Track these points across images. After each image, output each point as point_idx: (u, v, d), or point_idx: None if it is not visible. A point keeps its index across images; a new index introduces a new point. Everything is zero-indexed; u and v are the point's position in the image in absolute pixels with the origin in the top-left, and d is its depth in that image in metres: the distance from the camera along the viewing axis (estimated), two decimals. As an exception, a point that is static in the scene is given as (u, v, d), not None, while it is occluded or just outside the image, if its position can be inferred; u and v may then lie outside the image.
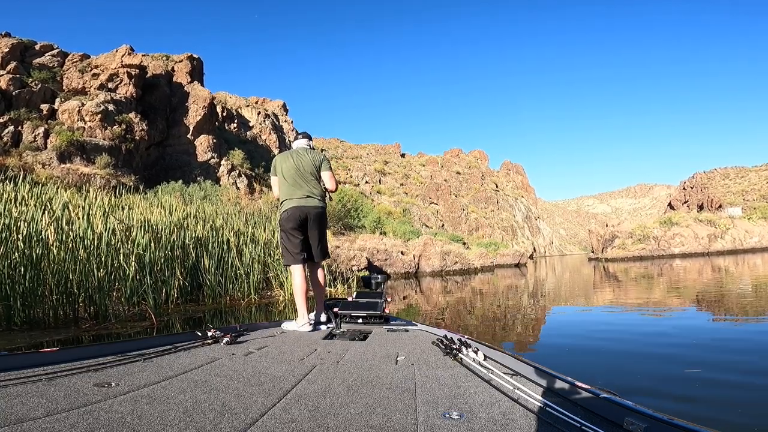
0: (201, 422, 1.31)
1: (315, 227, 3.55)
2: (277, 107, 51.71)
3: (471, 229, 61.81)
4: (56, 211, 6.06)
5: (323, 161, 3.67)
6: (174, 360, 2.19)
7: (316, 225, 3.55)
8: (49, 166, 19.33)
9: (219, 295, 7.49)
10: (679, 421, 1.17)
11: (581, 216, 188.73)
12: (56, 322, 5.13)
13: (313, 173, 3.59)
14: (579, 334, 4.52)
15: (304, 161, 3.60)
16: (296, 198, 3.52)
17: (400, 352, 2.50)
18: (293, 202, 3.51)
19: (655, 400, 2.35)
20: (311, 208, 3.52)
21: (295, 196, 3.53)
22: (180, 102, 28.21)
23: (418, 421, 1.36)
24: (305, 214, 3.50)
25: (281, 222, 3.57)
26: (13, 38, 24.42)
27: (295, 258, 3.50)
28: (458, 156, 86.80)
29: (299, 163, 3.59)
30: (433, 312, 6.77)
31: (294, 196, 3.53)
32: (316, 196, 3.56)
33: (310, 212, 3.51)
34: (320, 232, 3.60)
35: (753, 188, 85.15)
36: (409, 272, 16.84)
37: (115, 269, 5.80)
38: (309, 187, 3.54)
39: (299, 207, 3.49)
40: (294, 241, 3.51)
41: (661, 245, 28.98)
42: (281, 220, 3.57)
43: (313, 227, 3.55)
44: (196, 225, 8.42)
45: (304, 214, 3.50)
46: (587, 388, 1.52)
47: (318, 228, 3.57)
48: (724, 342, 3.78)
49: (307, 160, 3.61)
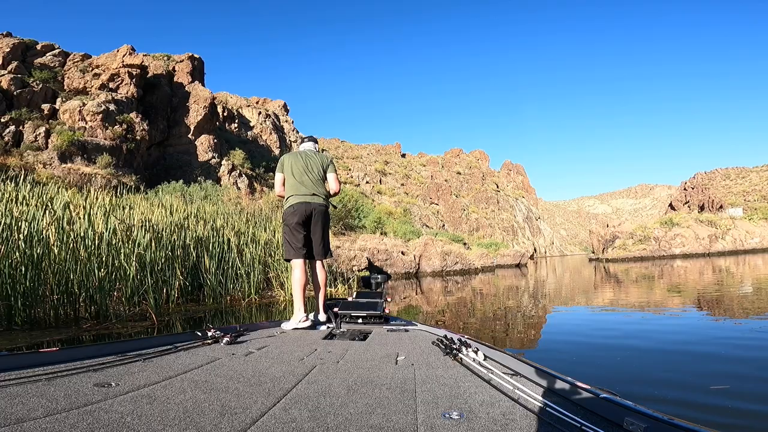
0: (201, 422, 1.31)
1: (319, 224, 3.66)
2: (277, 107, 51.74)
3: (471, 229, 61.78)
4: (57, 211, 6.06)
5: (329, 164, 3.84)
6: (174, 360, 2.19)
7: (319, 222, 3.66)
8: (50, 166, 19.34)
9: (220, 295, 7.49)
10: (679, 421, 1.16)
11: (582, 216, 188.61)
12: (57, 321, 5.13)
13: (320, 174, 3.74)
14: (579, 334, 4.52)
15: (312, 162, 3.76)
16: (302, 194, 3.63)
17: (400, 352, 2.50)
18: (299, 198, 3.62)
19: (655, 399, 2.34)
20: (317, 205, 3.65)
21: (301, 193, 3.64)
22: (181, 102, 28.24)
23: (418, 421, 1.36)
24: (310, 210, 3.61)
25: (285, 217, 3.67)
26: (15, 38, 24.45)
27: (297, 252, 3.60)
28: (459, 156, 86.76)
29: (308, 162, 3.75)
30: (433, 312, 6.77)
31: (300, 193, 3.65)
32: (322, 195, 3.70)
33: (315, 209, 3.63)
34: (323, 230, 3.70)
35: (754, 189, 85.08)
36: (410, 272, 16.83)
37: (115, 269, 5.80)
38: (315, 187, 3.68)
39: (305, 203, 3.61)
40: (297, 236, 3.61)
41: (662, 246, 28.95)
42: (286, 215, 3.67)
43: (317, 224, 3.65)
44: (197, 225, 8.42)
45: (310, 210, 3.61)
46: (587, 388, 1.52)
47: (321, 226, 3.68)
48: (725, 341, 3.77)
49: (316, 161, 3.77)
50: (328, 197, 3.79)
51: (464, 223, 62.81)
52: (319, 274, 3.71)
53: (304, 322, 3.36)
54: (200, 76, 31.11)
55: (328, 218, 3.78)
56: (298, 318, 3.39)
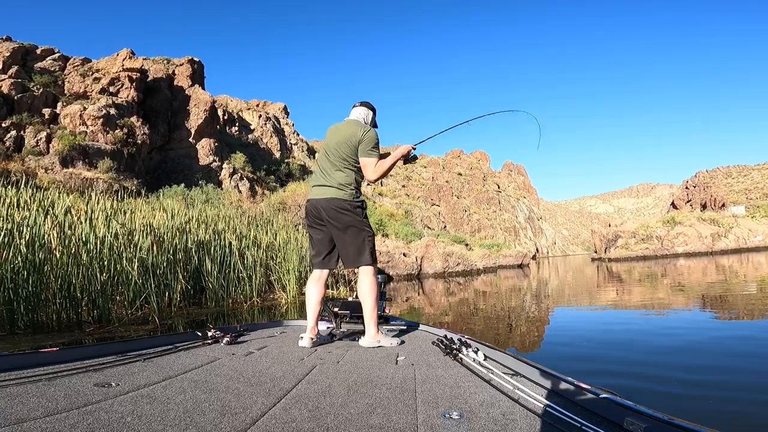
0: (201, 422, 1.31)
1: (334, 225, 2.78)
2: (278, 110, 51.80)
3: (473, 230, 61.68)
4: (59, 215, 6.08)
5: (362, 141, 2.77)
6: (174, 360, 2.19)
7: (335, 222, 2.77)
8: (51, 171, 19.39)
9: (221, 298, 7.50)
10: (680, 421, 1.16)
11: (584, 216, 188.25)
12: (60, 325, 5.14)
13: (341, 155, 2.81)
14: (581, 334, 4.50)
15: (336, 138, 2.86)
16: (313, 185, 2.92)
17: (400, 352, 2.50)
18: (311, 191, 2.92)
19: (655, 400, 2.34)
20: (323, 201, 2.79)
21: (313, 183, 2.94)
22: (181, 106, 28.29)
23: (418, 421, 1.36)
24: (317, 209, 2.82)
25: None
26: (15, 42, 24.51)
27: (312, 261, 2.95)
28: (460, 157, 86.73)
29: (330, 140, 2.90)
30: (436, 314, 6.76)
31: (313, 183, 2.94)
32: (333, 184, 2.78)
33: (322, 207, 2.79)
34: (343, 232, 2.78)
35: (756, 187, 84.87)
36: (412, 274, 16.82)
37: (118, 273, 5.81)
38: (327, 174, 2.84)
39: (311, 200, 2.87)
40: (311, 241, 2.97)
41: (665, 245, 28.88)
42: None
43: (333, 226, 2.79)
44: (198, 228, 8.44)
45: (316, 209, 2.83)
46: (587, 388, 1.51)
47: (339, 226, 2.77)
48: (726, 341, 3.76)
49: (340, 137, 2.84)
50: (351, 185, 2.81)
51: (466, 224, 62.72)
52: (360, 286, 2.79)
53: (302, 341, 2.72)
54: (200, 79, 31.17)
55: (350, 214, 2.76)
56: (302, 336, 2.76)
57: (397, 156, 2.93)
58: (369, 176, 2.80)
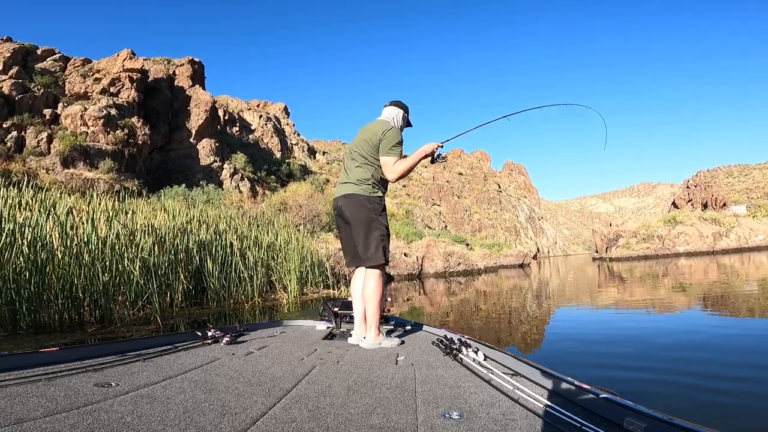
0: (201, 422, 1.31)
1: (352, 221, 2.79)
2: (278, 110, 51.85)
3: (474, 230, 61.64)
4: (60, 216, 6.09)
5: (383, 139, 2.76)
6: (174, 360, 2.20)
7: (352, 218, 2.78)
8: (52, 171, 19.43)
9: (223, 298, 7.51)
10: (679, 421, 1.16)
11: (585, 216, 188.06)
12: (62, 326, 5.15)
13: (361, 152, 2.83)
14: (582, 334, 4.50)
15: (361, 136, 2.87)
16: (338, 184, 2.94)
17: (400, 352, 2.50)
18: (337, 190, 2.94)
19: (655, 400, 2.34)
20: (341, 198, 2.83)
21: (338, 181, 2.97)
22: (182, 106, 28.33)
23: (418, 421, 1.36)
24: (338, 207, 2.85)
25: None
26: (15, 43, 24.54)
27: (345, 259, 2.99)
28: (460, 157, 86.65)
29: (356, 139, 2.92)
30: (437, 314, 6.76)
31: (338, 181, 2.96)
32: (351, 180, 2.81)
33: (342, 204, 2.82)
34: (356, 226, 2.77)
35: (757, 186, 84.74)
36: (413, 274, 16.81)
37: (119, 273, 5.82)
38: (348, 172, 2.86)
39: (334, 199, 2.90)
40: (341, 238, 2.98)
41: (666, 244, 28.82)
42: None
43: (351, 222, 2.79)
44: (200, 229, 8.44)
45: (338, 207, 2.86)
46: (587, 388, 1.52)
47: (354, 222, 2.77)
48: (727, 340, 3.76)
49: (364, 136, 2.85)
50: (368, 181, 2.79)
51: (466, 224, 62.68)
52: (366, 285, 2.80)
53: (350, 338, 2.87)
54: (201, 79, 31.20)
55: (363, 210, 2.75)
56: (353, 334, 2.85)
57: (419, 155, 2.89)
58: (388, 175, 2.79)
